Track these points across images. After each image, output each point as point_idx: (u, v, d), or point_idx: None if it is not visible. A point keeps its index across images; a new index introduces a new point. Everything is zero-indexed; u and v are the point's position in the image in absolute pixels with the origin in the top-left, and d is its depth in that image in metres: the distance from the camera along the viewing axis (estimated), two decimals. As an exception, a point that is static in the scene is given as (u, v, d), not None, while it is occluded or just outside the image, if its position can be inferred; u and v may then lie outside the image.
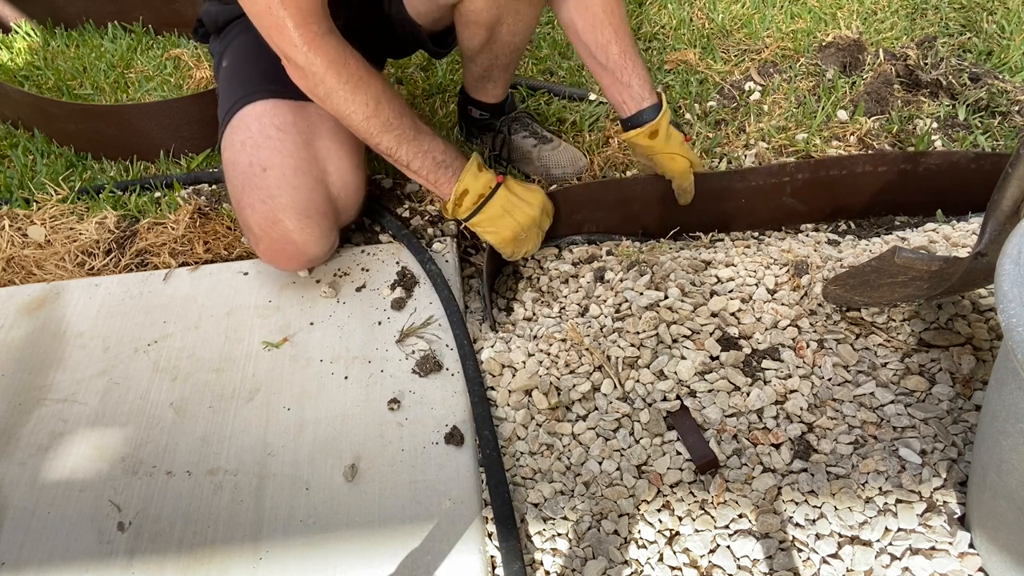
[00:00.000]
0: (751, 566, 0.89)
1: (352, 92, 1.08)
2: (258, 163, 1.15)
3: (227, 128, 1.21)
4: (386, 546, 0.93)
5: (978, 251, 0.86)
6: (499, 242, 1.23)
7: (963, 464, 0.94)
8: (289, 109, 1.17)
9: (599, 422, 1.04)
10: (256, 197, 1.16)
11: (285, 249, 1.20)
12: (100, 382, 1.15)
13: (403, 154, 1.15)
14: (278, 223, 1.16)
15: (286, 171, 1.15)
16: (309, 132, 1.18)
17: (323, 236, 1.21)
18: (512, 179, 1.23)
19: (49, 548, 0.96)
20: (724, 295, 1.15)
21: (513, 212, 1.20)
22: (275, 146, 1.16)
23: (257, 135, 1.16)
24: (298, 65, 1.06)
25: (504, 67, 1.42)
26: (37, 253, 1.38)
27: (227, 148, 1.20)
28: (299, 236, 1.18)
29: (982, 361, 1.02)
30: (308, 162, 1.17)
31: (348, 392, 1.11)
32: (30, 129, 1.74)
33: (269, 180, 1.15)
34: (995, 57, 1.83)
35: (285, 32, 1.02)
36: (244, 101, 1.19)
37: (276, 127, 1.16)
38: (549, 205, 1.27)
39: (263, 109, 1.17)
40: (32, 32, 2.17)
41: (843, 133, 1.63)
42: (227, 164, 1.20)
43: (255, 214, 1.17)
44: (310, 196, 1.17)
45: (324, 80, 1.07)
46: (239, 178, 1.18)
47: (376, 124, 1.11)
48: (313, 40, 1.03)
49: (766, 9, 2.08)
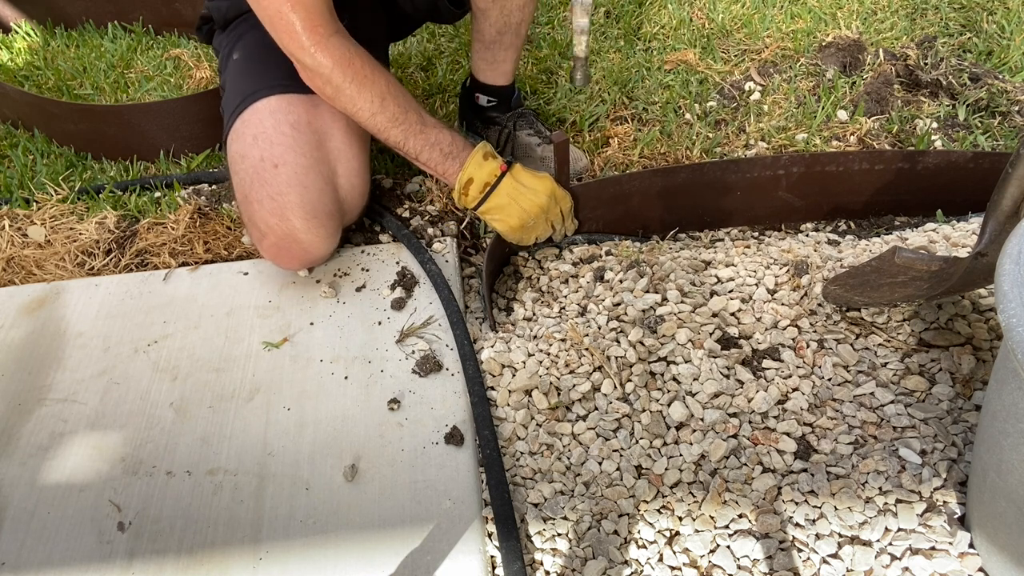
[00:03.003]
0: (751, 566, 0.89)
1: (358, 90, 1.11)
2: (270, 159, 1.16)
3: (238, 120, 1.20)
4: (386, 546, 0.93)
5: (978, 251, 0.86)
6: (506, 230, 1.24)
7: (963, 464, 0.94)
8: (304, 107, 1.18)
9: (599, 422, 1.04)
10: (265, 193, 1.16)
11: (290, 248, 1.20)
12: (100, 382, 1.15)
13: (411, 147, 1.18)
14: (286, 221, 1.17)
15: (298, 170, 1.16)
16: (322, 132, 1.19)
17: (328, 237, 1.22)
18: (521, 167, 1.23)
19: (49, 548, 0.96)
20: (724, 295, 1.15)
21: (519, 200, 1.21)
22: (288, 143, 1.16)
23: (271, 130, 1.16)
24: (306, 66, 1.10)
25: (515, 29, 1.42)
26: (37, 253, 1.38)
27: (236, 140, 1.20)
28: (305, 236, 1.18)
29: (982, 361, 1.02)
30: (320, 162, 1.18)
31: (348, 392, 1.11)
32: (30, 129, 1.74)
33: (280, 177, 1.15)
34: (995, 57, 1.83)
35: (294, 35, 1.06)
36: (258, 95, 1.19)
37: (290, 124, 1.17)
38: (560, 192, 1.27)
39: (277, 105, 1.17)
40: (32, 32, 2.17)
41: (843, 133, 1.63)
42: (236, 157, 1.20)
43: (262, 210, 1.17)
44: (319, 196, 1.18)
45: (331, 79, 1.10)
46: (248, 172, 1.17)
47: (383, 119, 1.14)
48: (320, 41, 1.07)
49: (766, 9, 2.08)
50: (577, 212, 1.34)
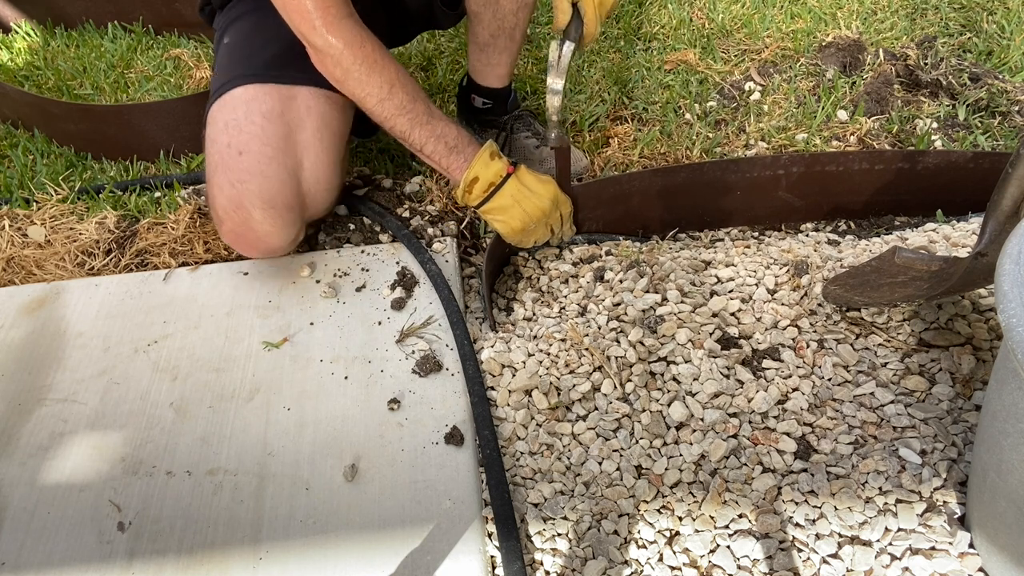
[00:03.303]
0: (751, 566, 0.89)
1: (368, 74, 1.11)
2: (236, 146, 1.16)
3: (215, 105, 1.21)
4: (386, 546, 0.93)
5: (978, 251, 0.86)
6: (507, 231, 1.24)
7: (963, 464, 0.94)
8: (278, 98, 1.18)
9: (599, 422, 1.04)
10: (226, 179, 1.17)
11: (246, 235, 1.21)
12: (100, 382, 1.15)
13: (416, 137, 1.17)
14: (242, 208, 1.17)
15: (261, 159, 1.16)
16: (293, 123, 1.19)
17: (285, 228, 1.22)
18: (526, 170, 1.23)
19: (49, 548, 0.96)
20: (724, 295, 1.15)
21: (523, 203, 1.21)
22: (256, 132, 1.16)
23: (242, 118, 1.17)
24: (317, 47, 1.10)
25: (510, 32, 1.42)
26: (37, 253, 1.38)
27: (211, 124, 1.21)
28: (261, 226, 1.19)
29: (982, 361, 1.02)
30: (284, 153, 1.18)
31: (348, 392, 1.11)
32: (30, 129, 1.74)
33: (243, 164, 1.16)
34: (995, 57, 1.83)
35: (306, 14, 1.06)
36: (236, 82, 1.19)
37: (262, 114, 1.17)
38: (562, 198, 1.27)
39: (254, 93, 1.18)
40: (32, 32, 2.17)
41: (843, 133, 1.63)
42: (208, 141, 1.21)
43: (221, 195, 1.18)
44: (280, 188, 1.18)
45: (341, 61, 1.10)
46: (215, 157, 1.19)
47: (390, 106, 1.14)
48: (332, 22, 1.07)
49: (766, 9, 2.08)
50: (576, 215, 1.34)
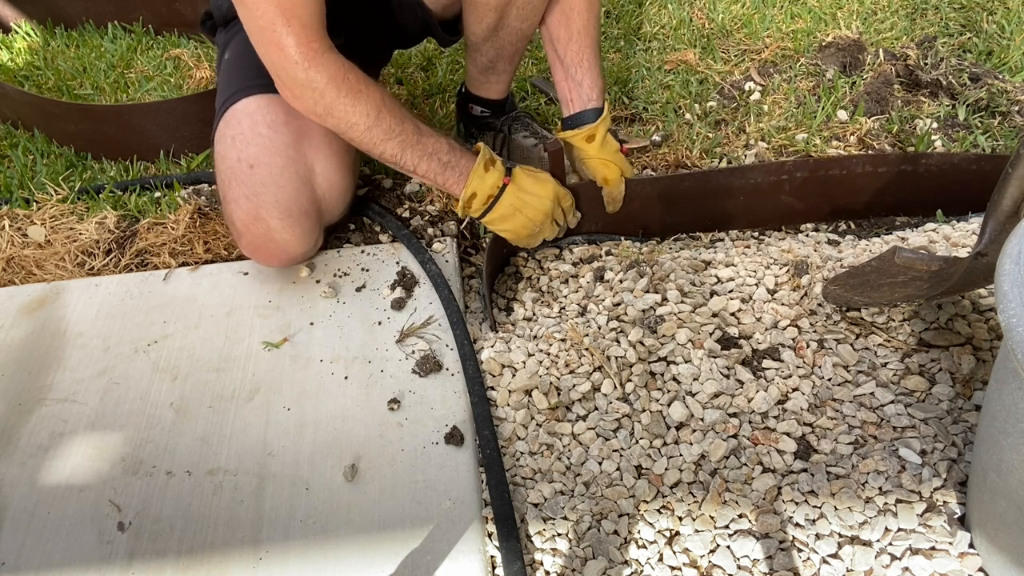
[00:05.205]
0: (751, 566, 0.89)
1: (353, 104, 1.08)
2: (246, 159, 1.16)
3: (221, 121, 1.22)
4: (386, 546, 0.93)
5: (978, 251, 0.86)
6: (514, 238, 1.25)
7: (963, 464, 0.94)
8: (282, 107, 1.17)
9: (599, 422, 1.04)
10: (241, 193, 1.17)
11: (267, 246, 1.21)
12: (100, 382, 1.15)
13: (408, 159, 1.15)
14: (261, 220, 1.17)
15: (273, 170, 1.16)
16: (300, 131, 1.19)
17: (305, 235, 1.22)
18: (521, 172, 1.22)
19: (49, 548, 0.96)
20: (724, 295, 1.15)
21: (524, 209, 1.21)
22: (264, 144, 1.16)
23: (248, 131, 1.17)
24: (298, 82, 1.06)
25: (509, 58, 1.42)
26: (37, 253, 1.38)
27: (218, 141, 1.22)
28: (280, 235, 1.19)
29: (982, 361, 1.02)
30: (295, 161, 1.18)
31: (348, 392, 1.11)
32: (30, 129, 1.74)
33: (255, 177, 1.16)
34: (995, 57, 1.83)
35: (285, 50, 1.03)
36: (239, 95, 1.19)
37: (267, 124, 1.17)
38: (562, 192, 1.27)
39: (256, 105, 1.18)
40: (32, 32, 2.17)
41: (843, 133, 1.63)
42: (217, 157, 1.22)
43: (239, 209, 1.18)
44: (295, 196, 1.18)
45: (324, 95, 1.07)
46: (227, 172, 1.19)
47: (379, 132, 1.12)
48: (315, 57, 1.04)
49: (766, 9, 2.08)
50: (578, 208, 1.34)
